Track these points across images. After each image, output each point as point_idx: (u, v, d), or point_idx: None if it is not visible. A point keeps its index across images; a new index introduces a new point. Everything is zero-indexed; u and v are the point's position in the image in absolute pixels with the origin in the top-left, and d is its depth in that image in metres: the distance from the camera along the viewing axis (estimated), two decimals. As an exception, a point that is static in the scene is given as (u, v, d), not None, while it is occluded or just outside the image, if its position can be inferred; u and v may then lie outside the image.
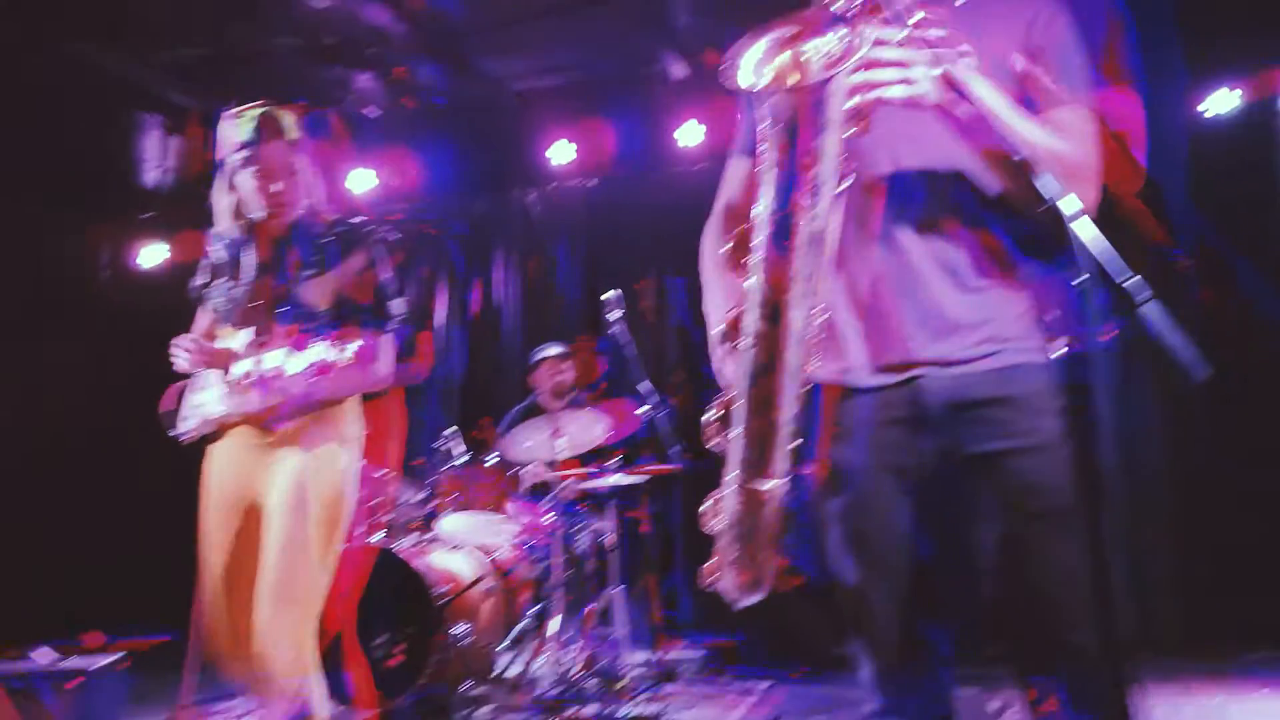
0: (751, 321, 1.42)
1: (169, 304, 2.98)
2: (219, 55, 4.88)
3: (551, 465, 4.17)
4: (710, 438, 1.49)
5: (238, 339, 2.49)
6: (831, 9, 1.37)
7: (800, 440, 1.44)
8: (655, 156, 5.62)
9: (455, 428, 4.36)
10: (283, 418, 2.45)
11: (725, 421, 1.47)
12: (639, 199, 5.78)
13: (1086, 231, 0.92)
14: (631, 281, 5.46)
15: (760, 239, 1.41)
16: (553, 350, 4.71)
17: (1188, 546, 4.33)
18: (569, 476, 4.07)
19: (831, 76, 1.33)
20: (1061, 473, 1.41)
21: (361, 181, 5.83)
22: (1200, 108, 4.65)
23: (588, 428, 4.19)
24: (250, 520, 2.47)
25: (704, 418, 1.50)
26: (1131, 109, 1.57)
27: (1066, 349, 1.47)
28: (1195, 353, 0.85)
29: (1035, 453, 1.48)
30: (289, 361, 2.31)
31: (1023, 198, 1.43)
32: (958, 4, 1.56)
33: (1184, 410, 4.38)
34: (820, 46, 1.40)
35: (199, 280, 2.65)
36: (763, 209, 1.40)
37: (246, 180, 2.52)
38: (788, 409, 1.42)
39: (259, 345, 2.43)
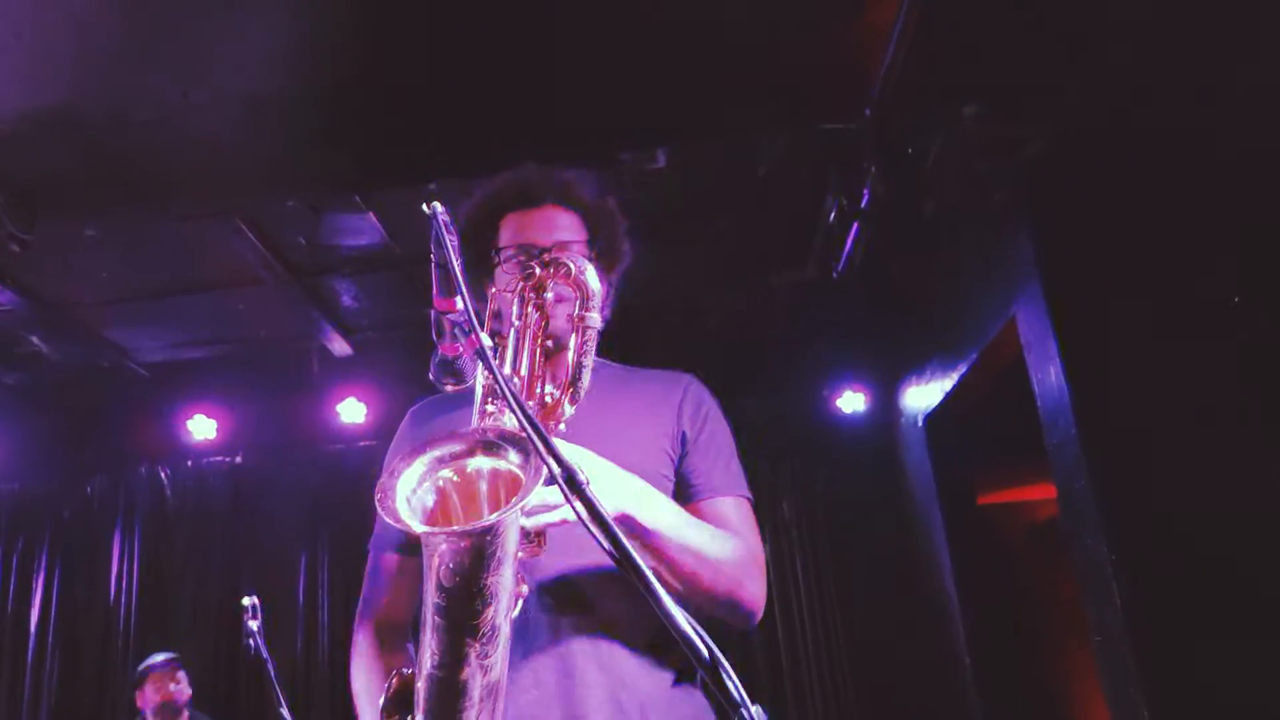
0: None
1: None
2: None
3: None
4: None
5: None
6: (484, 425, 1.23)
7: None
8: (312, 433, 5.22)
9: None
10: None
11: None
12: (292, 476, 5.28)
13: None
14: (280, 572, 4.84)
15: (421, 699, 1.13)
16: (161, 658, 4.02)
17: None
18: None
19: (505, 514, 1.12)
20: None
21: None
22: (839, 403, 5.16)
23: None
24: None
25: None
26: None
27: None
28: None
29: None
30: None
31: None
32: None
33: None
34: (482, 468, 1.21)
35: None
36: (426, 664, 1.13)
37: None
38: None
39: None
